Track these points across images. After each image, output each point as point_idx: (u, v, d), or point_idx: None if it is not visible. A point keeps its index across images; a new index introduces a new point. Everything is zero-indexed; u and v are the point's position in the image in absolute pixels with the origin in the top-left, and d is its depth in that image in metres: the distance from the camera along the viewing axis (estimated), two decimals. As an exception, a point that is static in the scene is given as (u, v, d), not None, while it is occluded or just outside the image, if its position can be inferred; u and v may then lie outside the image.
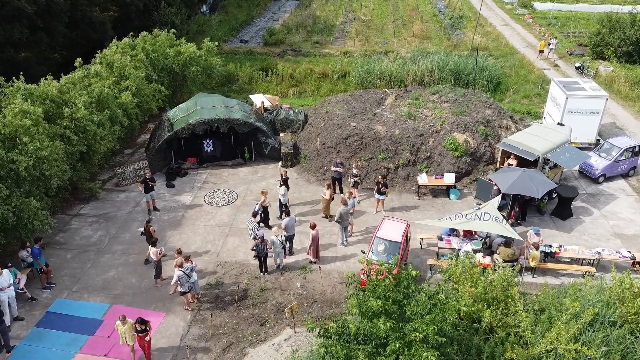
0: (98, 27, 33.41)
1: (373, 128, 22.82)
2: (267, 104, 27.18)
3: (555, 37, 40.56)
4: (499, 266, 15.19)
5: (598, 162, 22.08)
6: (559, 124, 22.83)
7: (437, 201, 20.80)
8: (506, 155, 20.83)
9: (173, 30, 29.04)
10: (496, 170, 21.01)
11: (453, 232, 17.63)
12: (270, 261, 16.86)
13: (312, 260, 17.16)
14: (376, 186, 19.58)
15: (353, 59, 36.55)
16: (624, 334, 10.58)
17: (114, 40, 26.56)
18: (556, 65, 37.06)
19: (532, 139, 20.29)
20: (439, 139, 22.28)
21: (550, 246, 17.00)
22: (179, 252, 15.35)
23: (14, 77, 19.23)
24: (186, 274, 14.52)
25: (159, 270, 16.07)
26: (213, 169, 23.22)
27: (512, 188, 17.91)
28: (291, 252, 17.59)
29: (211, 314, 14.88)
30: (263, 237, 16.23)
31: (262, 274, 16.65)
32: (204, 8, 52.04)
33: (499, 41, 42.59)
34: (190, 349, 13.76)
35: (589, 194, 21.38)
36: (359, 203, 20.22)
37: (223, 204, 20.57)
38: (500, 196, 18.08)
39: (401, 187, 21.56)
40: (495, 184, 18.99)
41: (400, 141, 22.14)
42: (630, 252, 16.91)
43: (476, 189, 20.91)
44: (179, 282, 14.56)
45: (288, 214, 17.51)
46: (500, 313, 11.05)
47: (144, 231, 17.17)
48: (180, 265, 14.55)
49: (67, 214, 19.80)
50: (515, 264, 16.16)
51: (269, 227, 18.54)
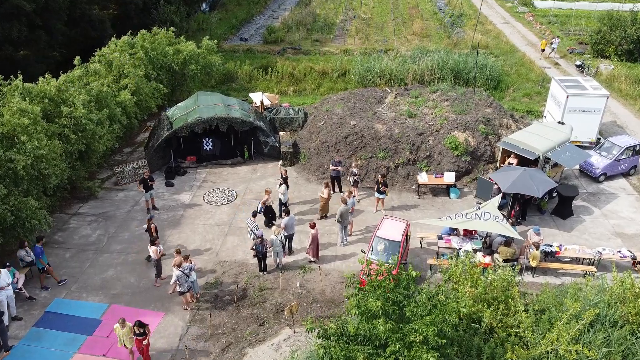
0: (97, 25, 33.30)
1: (373, 127, 22.74)
2: (266, 102, 27.08)
3: (558, 36, 40.36)
4: (499, 266, 15.15)
5: (599, 161, 22.00)
6: (559, 122, 22.73)
7: (437, 200, 20.74)
8: (506, 154, 20.75)
9: (172, 28, 28.90)
10: (496, 169, 20.95)
11: (453, 231, 17.57)
12: (270, 260, 16.81)
13: (312, 259, 17.10)
14: (376, 185, 19.51)
15: (353, 57, 36.45)
16: (624, 335, 10.51)
17: (112, 39, 26.45)
18: (557, 64, 36.95)
19: (532, 137, 20.21)
20: (439, 138, 22.20)
21: (551, 245, 16.93)
22: (178, 252, 15.28)
23: (12, 76, 19.15)
24: (185, 274, 14.45)
25: (159, 269, 16.02)
26: (212, 168, 23.15)
27: (513, 187, 17.84)
28: (290, 252, 17.53)
29: (210, 314, 14.83)
30: (262, 236, 16.17)
31: (261, 273, 16.59)
32: (204, 6, 51.88)
33: (499, 39, 42.48)
34: (189, 349, 13.70)
35: (589, 193, 21.31)
36: (358, 202, 20.15)
37: (222, 203, 20.50)
38: (500, 195, 18.02)
39: (401, 186, 21.49)
40: (496, 183, 18.93)
41: (400, 140, 22.06)
42: (630, 252, 16.84)
43: (476, 188, 20.84)
44: (177, 282, 14.50)
45: (288, 213, 17.45)
46: (500, 313, 10.98)
47: (146, 228, 17.11)
48: (179, 265, 14.49)
49: (65, 213, 19.73)
50: (515, 263, 16.12)
51: (269, 225, 18.46)
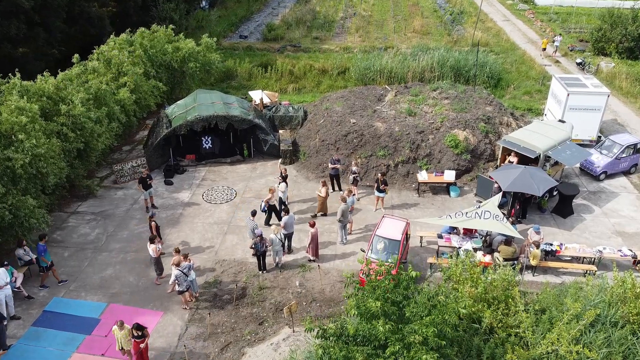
0: (96, 23, 33.16)
1: (373, 125, 22.65)
2: (266, 100, 26.99)
3: (560, 35, 40.14)
4: (499, 265, 15.09)
5: (599, 160, 21.92)
6: (560, 120, 22.65)
7: (437, 199, 20.67)
8: (507, 152, 20.66)
9: (171, 25, 28.81)
10: (497, 167, 20.87)
11: (453, 230, 17.50)
12: (269, 259, 16.74)
13: (311, 258, 17.04)
14: (376, 184, 19.43)
15: (353, 55, 36.34)
16: (625, 335, 10.45)
17: (111, 36, 26.35)
18: (557, 61, 36.83)
19: (533, 136, 20.13)
20: (439, 136, 22.11)
21: (551, 244, 16.86)
22: (177, 251, 15.21)
23: (10, 74, 19.06)
24: (184, 273, 14.38)
25: (159, 267, 15.96)
26: (212, 166, 23.07)
27: (513, 186, 17.76)
28: (290, 250, 17.47)
29: (209, 313, 14.77)
30: (262, 235, 16.10)
31: (260, 272, 16.53)
32: (203, 3, 51.73)
33: (499, 37, 42.35)
34: (188, 348, 13.65)
35: (590, 191, 21.24)
36: (358, 200, 20.08)
37: (222, 201, 20.43)
38: (500, 194, 17.95)
39: (401, 185, 21.42)
40: (496, 182, 18.86)
41: (400, 138, 21.98)
42: (631, 251, 16.77)
43: (476, 186, 20.77)
44: (176, 281, 14.43)
45: (287, 211, 17.37)
46: (500, 313, 10.92)
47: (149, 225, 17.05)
48: (178, 264, 14.42)
49: (64, 212, 19.66)
50: (515, 262, 16.07)
51: (269, 224, 18.40)
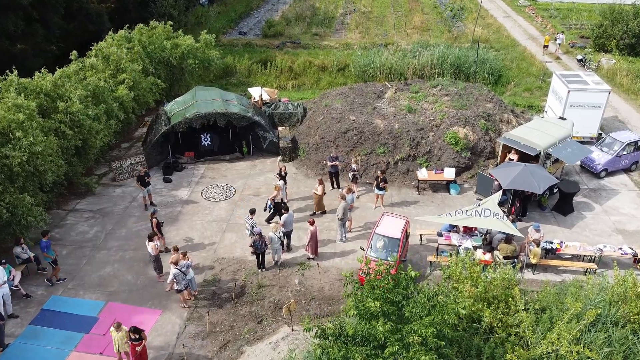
0: (95, 19, 32.99)
1: (372, 122, 22.54)
2: (265, 97, 26.87)
3: (562, 32, 39.84)
4: (499, 263, 15.02)
5: (600, 157, 21.82)
6: (560, 118, 22.54)
7: (437, 196, 20.58)
8: (507, 149, 20.55)
9: (170, 22, 28.64)
10: (497, 165, 20.77)
11: (453, 228, 17.42)
12: (268, 257, 16.67)
13: (311, 256, 16.97)
14: (375, 181, 19.35)
15: (353, 52, 36.15)
16: (626, 335, 10.36)
17: (110, 33, 26.20)
18: (558, 58, 36.66)
19: (533, 133, 20.01)
20: (439, 133, 22.01)
21: (552, 242, 16.80)
22: (176, 249, 15.15)
23: (7, 71, 18.94)
24: (182, 272, 14.31)
25: (159, 265, 15.90)
26: (211, 164, 22.97)
27: (513, 183, 17.68)
28: (289, 249, 17.40)
29: (208, 312, 14.71)
30: (261, 233, 16.03)
31: (259, 270, 16.47)
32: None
33: (500, 33, 42.16)
34: (186, 347, 13.60)
35: (590, 189, 21.15)
36: (357, 198, 20.01)
37: (220, 199, 20.34)
38: (500, 191, 17.86)
39: (400, 182, 21.33)
40: (496, 179, 18.77)
41: (400, 135, 21.87)
42: (632, 249, 16.71)
43: (476, 184, 20.69)
44: (174, 280, 14.37)
45: (287, 209, 17.29)
46: (500, 312, 10.84)
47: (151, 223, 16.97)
48: (176, 263, 14.35)
49: (62, 209, 19.58)
50: (515, 260, 16.01)
51: (269, 222, 18.33)
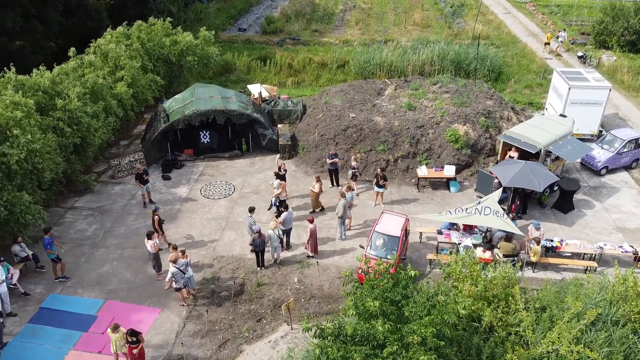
0: (93, 15, 32.86)
1: (372, 119, 22.45)
2: (265, 94, 26.76)
3: (564, 30, 39.60)
4: (499, 261, 14.96)
5: (600, 154, 21.74)
6: (561, 115, 22.45)
7: (437, 194, 20.51)
8: (507, 147, 20.48)
9: (169, 18, 28.49)
10: (497, 162, 20.69)
11: (453, 226, 17.36)
12: (268, 255, 16.61)
13: (310, 254, 16.92)
14: (375, 179, 19.28)
15: (352, 48, 36.02)
16: (626, 334, 10.30)
17: (108, 29, 26.07)
18: (558, 55, 36.52)
19: (533, 130, 19.93)
20: (439, 131, 21.92)
21: (552, 240, 16.74)
22: (174, 247, 15.09)
23: (5, 68, 18.84)
24: (181, 270, 14.25)
25: (158, 263, 15.85)
26: (210, 161, 22.89)
27: (513, 181, 17.60)
28: (289, 247, 17.35)
29: (207, 310, 14.65)
30: (260, 231, 15.97)
31: (259, 268, 16.42)
32: (202, -4, 51.30)
33: (500, 30, 42.00)
34: (185, 345, 13.55)
35: (590, 186, 21.08)
36: (357, 196, 19.94)
37: (220, 196, 20.28)
38: (501, 189, 17.79)
39: (400, 180, 21.25)
40: (496, 177, 18.69)
41: (399, 133, 21.79)
42: (632, 247, 16.65)
43: (477, 181, 20.61)
44: (173, 279, 14.31)
45: (286, 207, 17.22)
46: (500, 311, 10.78)
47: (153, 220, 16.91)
48: (175, 261, 14.29)
49: (61, 207, 19.51)
50: (515, 258, 15.95)
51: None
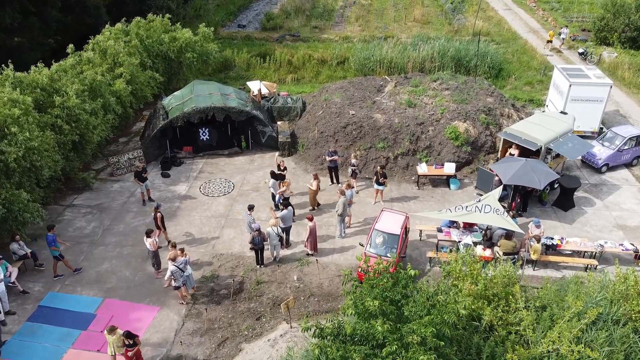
0: (92, 12, 32.76)
1: (372, 116, 22.35)
2: (264, 91, 26.65)
3: (567, 26, 39.35)
4: (498, 258, 14.91)
5: (601, 152, 21.65)
6: (561, 112, 22.35)
7: (437, 191, 20.45)
8: (508, 144, 20.39)
9: (168, 15, 28.37)
10: (497, 160, 20.61)
11: (453, 223, 17.29)
12: (267, 253, 16.55)
13: (310, 252, 16.86)
14: (375, 176, 19.20)
15: (352, 45, 35.85)
16: (627, 333, 10.24)
17: (107, 26, 25.95)
18: (559, 52, 36.36)
19: (534, 128, 19.84)
20: (439, 128, 21.83)
21: (552, 238, 16.68)
22: (173, 245, 15.03)
23: (3, 65, 18.74)
24: (179, 269, 14.20)
25: (157, 260, 15.79)
26: (209, 158, 22.81)
27: (514, 179, 17.52)
28: (288, 244, 17.29)
29: (206, 308, 14.61)
30: (259, 229, 15.91)
31: (258, 266, 16.37)
32: (201, -8, 51.04)
33: (501, 26, 41.80)
34: (184, 344, 13.51)
35: (591, 184, 21.00)
36: (357, 193, 19.87)
37: (219, 194, 20.21)
38: (501, 187, 17.72)
39: (400, 177, 21.18)
40: (497, 175, 18.62)
41: (399, 130, 21.70)
42: (633, 245, 16.58)
43: (477, 179, 20.53)
44: (172, 277, 14.26)
45: (286, 205, 17.15)
46: (500, 310, 10.73)
47: (154, 217, 16.82)
48: (174, 259, 14.24)
49: (60, 205, 19.44)
50: (516, 256, 15.90)
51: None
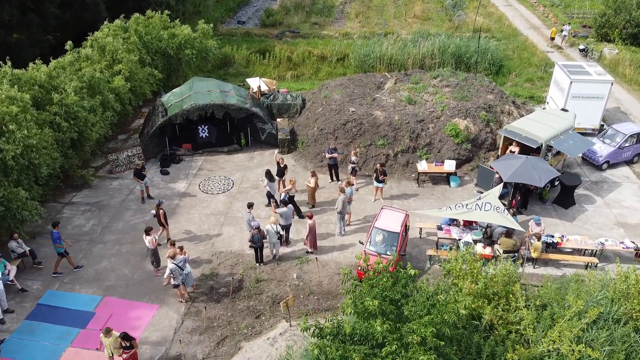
0: (91, 8, 32.51)
1: (372, 113, 22.26)
2: (264, 87, 26.56)
3: (569, 23, 39.15)
4: (498, 256, 14.86)
5: (602, 149, 21.57)
6: (562, 109, 22.26)
7: (437, 189, 20.38)
8: (508, 142, 20.29)
9: (167, 11, 28.23)
10: (498, 157, 20.53)
11: (453, 221, 17.25)
12: (267, 251, 16.50)
13: (309, 250, 16.82)
14: (375, 174, 19.13)
15: (352, 41, 35.73)
16: (628, 332, 10.21)
17: (105, 23, 25.83)
18: (560, 48, 36.22)
19: (535, 125, 19.74)
20: (439, 125, 21.74)
21: (552, 236, 16.62)
22: (172, 244, 14.97)
23: (1, 62, 18.65)
24: (179, 267, 14.15)
25: (156, 258, 15.75)
26: (208, 156, 22.73)
27: (514, 176, 17.45)
28: (288, 242, 17.24)
29: (205, 307, 14.56)
30: (259, 227, 15.85)
31: (257, 264, 16.32)
32: (201, -12, 50.77)
33: (501, 22, 41.65)
34: (183, 342, 13.48)
35: (592, 181, 20.93)
36: (357, 191, 19.81)
37: (218, 191, 20.14)
38: (501, 184, 17.66)
39: (400, 175, 21.11)
40: (497, 172, 18.55)
41: (399, 127, 21.61)
42: (633, 243, 16.53)
43: (477, 176, 20.45)
44: (171, 275, 14.21)
45: (285, 204, 17.09)
46: (501, 309, 10.69)
47: (155, 213, 16.76)
48: (173, 257, 14.19)
49: (59, 202, 19.38)
50: (516, 254, 15.85)
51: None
